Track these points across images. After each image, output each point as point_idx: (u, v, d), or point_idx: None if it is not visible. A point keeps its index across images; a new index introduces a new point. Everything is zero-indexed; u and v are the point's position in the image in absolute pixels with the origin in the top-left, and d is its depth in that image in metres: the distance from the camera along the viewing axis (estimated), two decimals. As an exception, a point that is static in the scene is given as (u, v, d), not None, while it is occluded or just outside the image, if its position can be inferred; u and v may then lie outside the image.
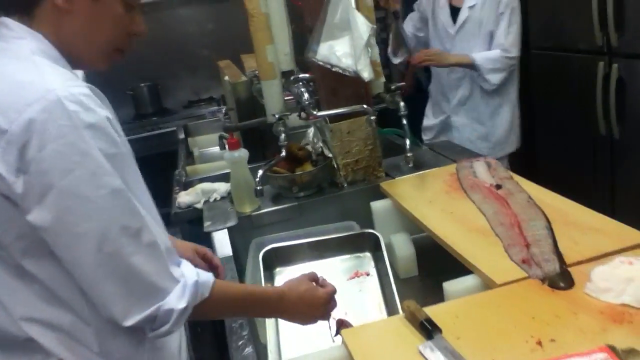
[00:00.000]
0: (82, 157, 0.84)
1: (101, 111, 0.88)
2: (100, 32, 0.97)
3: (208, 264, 1.31)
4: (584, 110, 2.66)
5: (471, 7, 2.54)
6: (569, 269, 1.13)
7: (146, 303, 0.89)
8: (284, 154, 1.69)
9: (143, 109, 4.40)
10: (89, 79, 2.50)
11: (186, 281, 0.94)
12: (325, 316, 1.17)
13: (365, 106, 1.72)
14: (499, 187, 1.53)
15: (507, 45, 2.49)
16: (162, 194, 2.47)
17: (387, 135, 2.32)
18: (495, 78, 2.51)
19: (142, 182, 0.96)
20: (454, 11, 2.60)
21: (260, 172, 1.63)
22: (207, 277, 0.99)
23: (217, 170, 2.47)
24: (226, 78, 2.47)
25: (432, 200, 1.57)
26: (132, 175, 0.92)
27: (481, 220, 1.39)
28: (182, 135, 3.37)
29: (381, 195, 1.78)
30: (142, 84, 4.39)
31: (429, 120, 2.83)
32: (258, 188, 1.59)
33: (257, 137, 2.48)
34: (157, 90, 4.45)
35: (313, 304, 1.13)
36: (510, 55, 2.49)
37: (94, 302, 0.90)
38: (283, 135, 1.69)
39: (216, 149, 3.06)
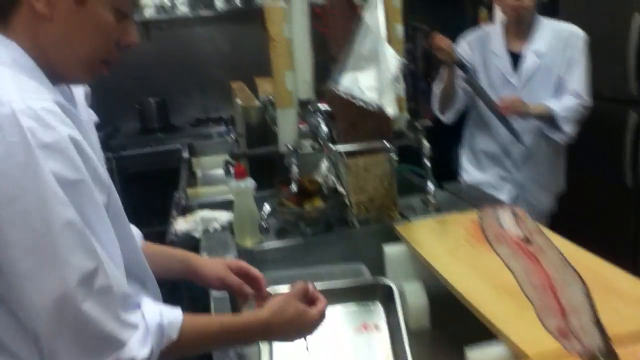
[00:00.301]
0: (32, 182, 0.73)
1: (64, 129, 0.76)
2: (85, 42, 0.86)
3: (244, 278, 1.19)
4: (611, 159, 2.55)
5: (537, 52, 2.28)
6: (613, 345, 0.99)
7: (99, 355, 0.77)
8: (294, 187, 1.56)
9: (149, 123, 4.31)
10: (96, 89, 2.41)
11: (147, 325, 0.83)
12: (314, 332, 1.07)
13: (386, 143, 1.60)
14: (527, 241, 1.40)
15: (583, 92, 2.26)
16: (162, 212, 2.37)
17: (402, 172, 2.20)
18: (571, 129, 2.26)
19: (105, 215, 0.83)
20: (514, 58, 2.34)
21: (267, 207, 1.50)
22: (173, 317, 0.88)
23: (219, 195, 2.35)
24: (238, 101, 2.36)
25: (453, 250, 1.44)
26: (93, 206, 0.80)
27: (509, 279, 1.26)
28: (186, 155, 3.26)
29: (393, 236, 1.65)
30: (151, 99, 4.31)
31: (471, 175, 2.48)
32: (264, 225, 1.46)
33: (264, 164, 2.36)
34: (166, 106, 4.36)
35: (302, 326, 1.03)
36: (586, 104, 2.28)
37: (43, 352, 0.77)
38: (295, 169, 1.56)
39: (220, 171, 2.94)
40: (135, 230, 1.18)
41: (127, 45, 0.91)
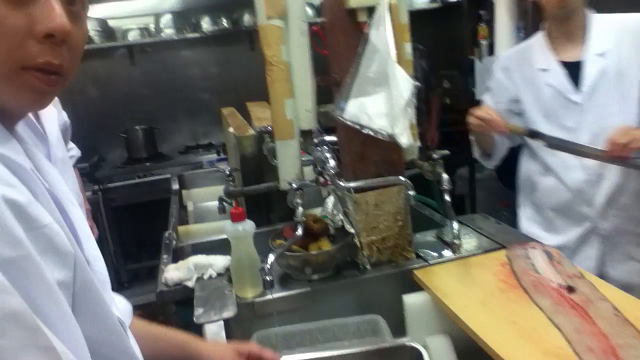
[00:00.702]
0: None
1: None
2: None
3: None
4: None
5: (602, 55, 1.73)
6: None
7: None
8: (300, 232, 1.37)
9: (136, 153, 4.14)
10: (79, 117, 2.22)
11: None
12: None
13: (402, 178, 1.42)
14: (570, 289, 1.22)
15: None
16: (152, 245, 2.18)
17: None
18: None
19: (60, 298, 0.63)
20: (570, 69, 1.79)
21: (271, 257, 1.31)
22: None
23: (213, 233, 2.16)
24: (230, 130, 2.18)
25: (484, 301, 1.25)
26: (41, 288, 0.61)
27: (557, 338, 1.07)
28: (175, 186, 3.06)
29: (410, 280, 1.48)
30: (137, 127, 4.13)
31: (540, 240, 1.62)
32: (268, 279, 1.26)
33: (260, 197, 2.18)
34: (153, 134, 4.19)
35: None
36: None
37: None
38: (301, 210, 1.38)
39: (213, 204, 2.77)
40: (122, 304, 0.99)
41: (46, 33, 0.63)
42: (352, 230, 1.56)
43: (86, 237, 0.74)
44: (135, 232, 4.10)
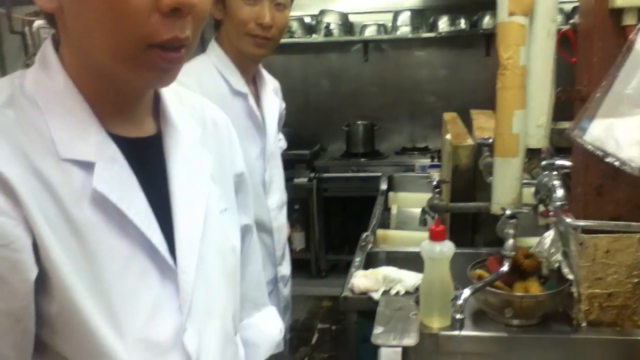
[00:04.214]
0: None
1: None
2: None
3: None
4: None
5: None
6: None
7: None
8: (506, 268, 1.16)
9: (354, 147, 4.19)
10: (306, 107, 2.25)
11: None
12: None
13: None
14: None
15: None
16: (354, 239, 2.14)
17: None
18: None
19: None
20: None
21: (466, 292, 1.12)
22: None
23: (412, 243, 2.02)
24: (447, 137, 2.01)
25: None
26: None
27: None
28: (384, 186, 2.98)
29: (636, 355, 1.18)
30: (359, 122, 4.18)
31: None
32: (458, 317, 1.08)
33: (468, 215, 1.97)
34: (373, 131, 4.19)
35: None
36: None
37: None
38: (511, 242, 1.17)
39: (416, 210, 2.64)
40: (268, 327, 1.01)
41: (173, 6, 0.58)
42: (570, 277, 1.29)
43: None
44: (340, 224, 4.16)
